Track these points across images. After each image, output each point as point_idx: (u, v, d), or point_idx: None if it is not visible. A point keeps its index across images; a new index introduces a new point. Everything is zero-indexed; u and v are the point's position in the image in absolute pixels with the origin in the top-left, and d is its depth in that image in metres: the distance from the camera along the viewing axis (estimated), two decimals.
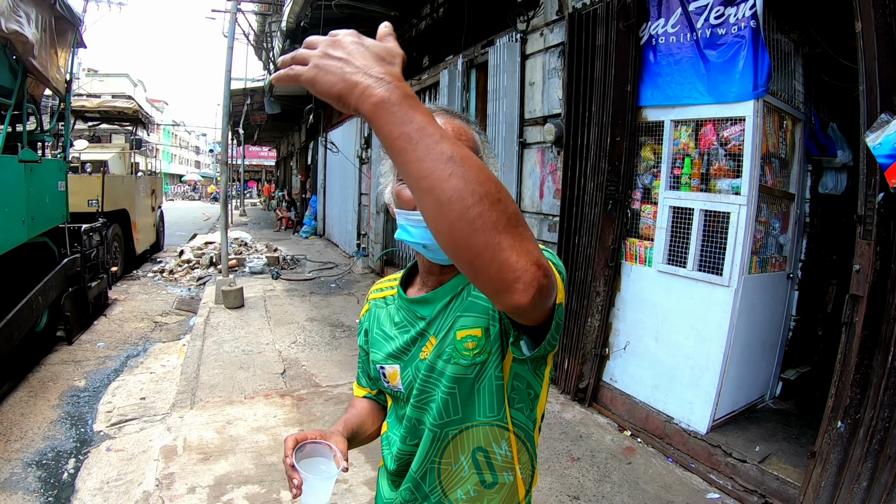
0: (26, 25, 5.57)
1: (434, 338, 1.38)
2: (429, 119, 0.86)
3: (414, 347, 1.41)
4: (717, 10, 4.18)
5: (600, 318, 5.12)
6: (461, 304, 1.36)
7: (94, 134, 14.10)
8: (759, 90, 3.99)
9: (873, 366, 3.12)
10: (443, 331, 1.36)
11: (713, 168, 4.36)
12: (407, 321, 1.45)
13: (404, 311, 1.47)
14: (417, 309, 1.43)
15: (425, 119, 0.85)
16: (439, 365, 1.34)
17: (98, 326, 8.09)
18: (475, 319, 1.32)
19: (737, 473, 4.02)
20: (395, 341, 1.46)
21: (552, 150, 5.82)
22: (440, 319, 1.38)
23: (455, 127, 1.31)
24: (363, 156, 12.98)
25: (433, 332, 1.38)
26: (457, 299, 1.38)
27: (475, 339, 1.32)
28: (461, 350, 1.32)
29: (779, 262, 4.80)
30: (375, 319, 1.57)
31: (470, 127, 1.36)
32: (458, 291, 1.38)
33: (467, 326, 1.33)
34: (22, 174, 5.74)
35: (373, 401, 1.70)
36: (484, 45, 7.20)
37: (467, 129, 1.34)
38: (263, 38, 15.43)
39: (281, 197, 28.88)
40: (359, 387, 1.73)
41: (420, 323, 1.41)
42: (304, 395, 5.50)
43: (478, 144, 1.34)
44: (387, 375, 1.47)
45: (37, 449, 4.59)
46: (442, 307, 1.39)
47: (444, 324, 1.37)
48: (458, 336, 1.33)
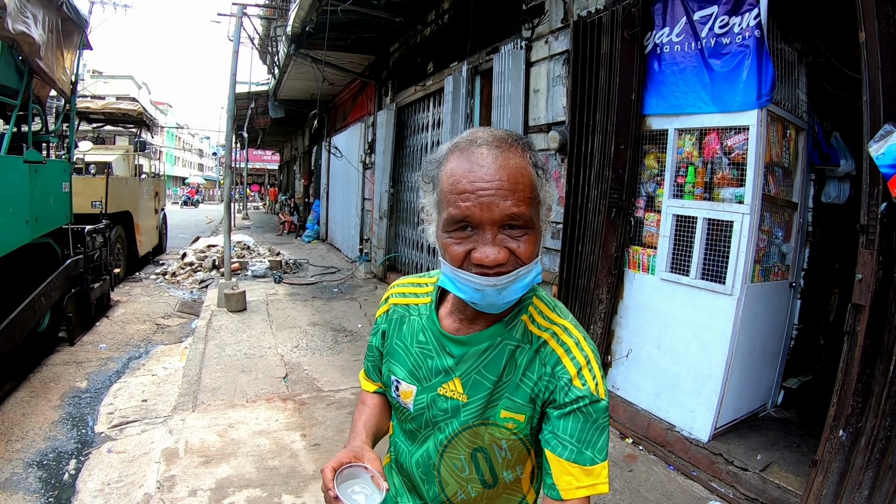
0: (33, 27, 5.59)
1: (460, 381, 1.35)
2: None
3: (435, 379, 1.38)
4: (722, 19, 4.19)
5: (603, 326, 5.12)
6: (502, 367, 1.33)
7: (99, 135, 14.17)
8: (763, 99, 4.00)
9: (875, 375, 3.12)
10: (474, 384, 1.34)
11: (717, 177, 4.37)
12: (434, 348, 1.40)
13: (433, 335, 1.41)
14: (448, 344, 1.37)
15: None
16: (476, 426, 1.34)
17: (100, 328, 8.10)
18: (521, 406, 1.31)
19: (738, 482, 4.02)
20: (416, 360, 1.42)
21: (556, 158, 5.83)
22: (471, 364, 1.35)
23: (513, 171, 1.15)
24: (367, 161, 12.99)
25: (459, 373, 1.35)
26: (493, 350, 1.34)
27: (517, 423, 1.32)
28: (500, 426, 1.32)
29: (781, 271, 4.80)
30: (397, 327, 1.50)
31: (527, 160, 1.20)
32: (497, 342, 1.34)
33: (512, 410, 1.32)
34: (27, 175, 5.76)
35: (383, 395, 1.66)
36: (489, 52, 7.22)
37: (525, 167, 1.18)
38: (268, 42, 15.47)
39: (284, 201, 28.92)
40: (369, 381, 1.68)
41: (448, 359, 1.37)
42: (306, 400, 5.50)
43: (535, 185, 1.19)
44: (399, 390, 1.44)
45: (38, 449, 4.59)
46: (476, 353, 1.34)
47: (474, 372, 1.34)
48: (501, 415, 1.32)
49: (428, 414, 1.39)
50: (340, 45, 10.96)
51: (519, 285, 1.19)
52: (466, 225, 1.16)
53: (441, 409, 1.36)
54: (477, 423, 1.33)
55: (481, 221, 1.14)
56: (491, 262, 1.13)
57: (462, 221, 1.15)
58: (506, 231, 1.15)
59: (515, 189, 1.13)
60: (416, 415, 1.41)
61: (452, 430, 1.36)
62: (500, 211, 1.12)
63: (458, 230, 1.17)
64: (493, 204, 1.12)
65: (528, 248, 1.17)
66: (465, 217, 1.14)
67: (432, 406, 1.38)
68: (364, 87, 13.56)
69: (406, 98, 10.73)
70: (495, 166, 1.14)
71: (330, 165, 17.91)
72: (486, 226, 1.14)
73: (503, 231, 1.15)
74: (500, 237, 1.15)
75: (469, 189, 1.14)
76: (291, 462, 4.31)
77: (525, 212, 1.14)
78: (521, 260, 1.17)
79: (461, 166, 1.17)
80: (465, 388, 1.34)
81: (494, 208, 1.12)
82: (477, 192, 1.13)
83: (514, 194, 1.13)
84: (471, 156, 1.17)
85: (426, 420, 1.39)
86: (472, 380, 1.34)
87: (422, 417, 1.40)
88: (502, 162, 1.15)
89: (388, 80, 11.75)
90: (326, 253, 16.65)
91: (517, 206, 1.13)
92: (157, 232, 14.94)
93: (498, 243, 1.14)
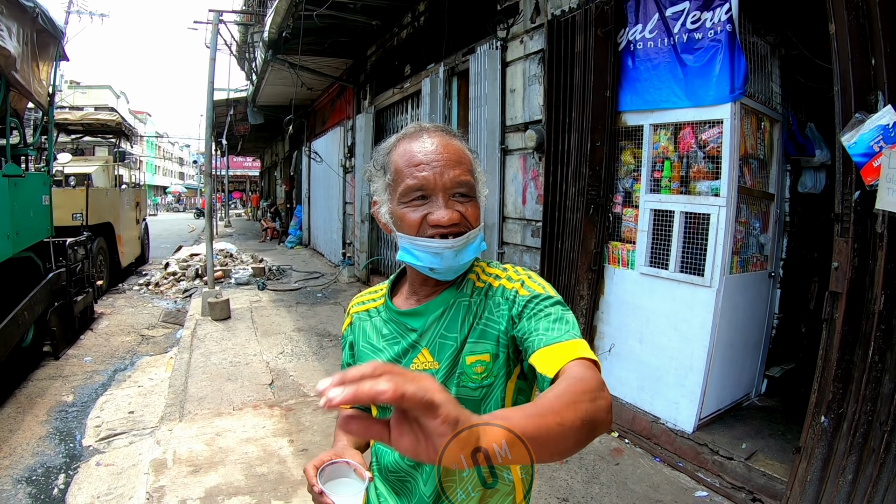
0: (8, 39, 5.56)
1: (427, 350, 1.39)
2: (530, 422, 0.85)
3: (405, 359, 1.41)
4: (694, 14, 4.24)
5: (585, 322, 5.15)
6: (460, 322, 1.38)
7: (78, 147, 14.09)
8: (736, 93, 4.05)
9: (854, 361, 3.17)
10: (440, 347, 1.38)
11: (692, 171, 4.42)
12: (396, 333, 1.45)
13: (393, 323, 1.47)
14: (407, 321, 1.44)
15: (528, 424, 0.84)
16: (449, 387, 1.35)
17: (85, 341, 8.04)
18: (485, 346, 1.36)
19: (724, 471, 4.06)
20: (383, 353, 1.46)
21: (534, 157, 5.86)
22: (432, 331, 1.40)
23: (456, 149, 1.35)
24: (347, 165, 12.99)
25: (425, 343, 1.40)
26: (449, 311, 1.40)
27: (484, 364, 1.36)
28: (470, 374, 1.35)
29: (760, 262, 4.86)
30: (361, 332, 1.55)
31: (465, 146, 1.39)
32: (451, 304, 1.40)
33: (476, 352, 1.36)
34: (6, 189, 5.72)
35: (360, 411, 1.66)
36: (465, 52, 7.25)
37: (464, 149, 1.38)
38: (246, 48, 15.42)
39: (266, 207, 28.81)
40: None
41: (411, 335, 1.42)
42: (293, 406, 5.51)
43: (473, 164, 1.38)
44: None
45: (26, 465, 4.56)
46: (434, 319, 1.40)
47: (437, 337, 1.39)
48: (467, 361, 1.35)
49: None
50: (318, 50, 10.95)
51: (471, 247, 1.35)
52: (421, 194, 1.30)
53: None
54: (446, 380, 1.36)
55: (435, 187, 1.29)
56: (447, 221, 1.28)
57: (419, 190, 1.30)
58: (455, 198, 1.31)
59: (460, 162, 1.33)
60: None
61: None
62: (450, 177, 1.30)
63: (415, 200, 1.31)
64: (445, 172, 1.30)
65: (474, 212, 1.33)
66: (421, 185, 1.29)
67: None
68: (342, 92, 13.54)
69: (384, 101, 10.73)
70: (442, 144, 1.33)
71: (311, 170, 17.87)
72: (439, 191, 1.30)
73: (453, 198, 1.31)
74: (450, 202, 1.30)
75: (424, 161, 1.30)
76: (279, 468, 4.32)
77: (470, 180, 1.33)
78: (469, 223, 1.32)
79: (413, 147, 1.34)
80: (433, 356, 1.39)
81: (446, 175, 1.30)
82: (430, 162, 1.30)
83: (459, 166, 1.32)
84: (420, 138, 1.35)
85: None
86: (437, 345, 1.39)
87: None
88: (447, 143, 1.34)
89: (367, 84, 11.74)
90: (309, 258, 16.61)
91: (464, 175, 1.32)
92: (139, 242, 14.83)
93: (450, 207, 1.30)
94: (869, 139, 2.99)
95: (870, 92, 3.07)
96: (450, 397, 0.76)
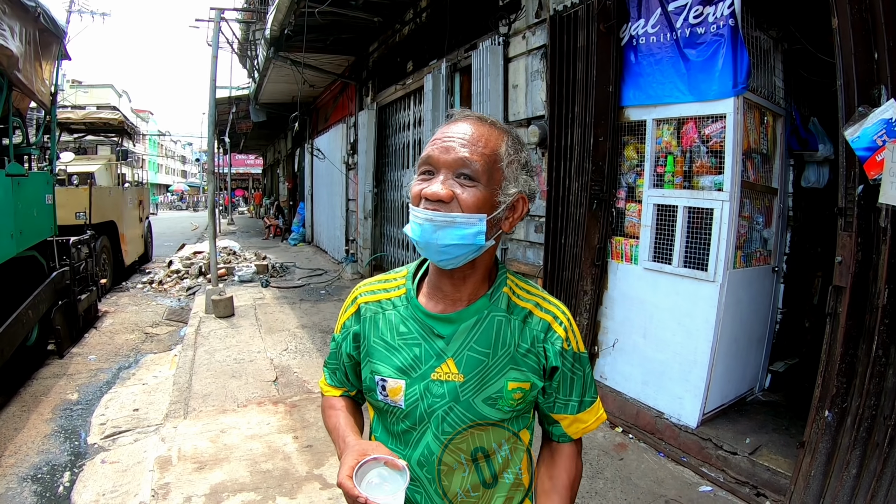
0: (10, 39, 5.56)
1: (453, 361, 1.35)
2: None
3: (425, 366, 1.37)
4: (696, 9, 4.22)
5: (588, 317, 5.15)
6: (493, 339, 1.36)
7: (80, 146, 14.10)
8: (739, 87, 4.04)
9: (858, 355, 3.16)
10: (468, 361, 1.35)
11: (696, 165, 4.41)
12: (419, 335, 1.39)
13: (416, 322, 1.40)
14: (435, 325, 1.38)
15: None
16: (476, 403, 1.35)
17: (89, 339, 8.07)
18: (527, 375, 1.37)
19: (728, 466, 4.06)
20: (400, 353, 1.40)
21: (537, 152, 5.85)
22: (461, 342, 1.36)
23: (480, 134, 1.29)
24: (350, 162, 12.99)
25: (451, 353, 1.36)
26: (482, 324, 1.37)
27: (523, 392, 1.37)
28: (508, 399, 1.35)
29: (763, 256, 4.85)
30: (372, 326, 1.46)
31: (501, 135, 1.33)
32: (484, 315, 1.37)
33: (519, 380, 1.36)
34: (9, 188, 5.73)
35: (350, 399, 1.62)
36: (467, 48, 7.24)
37: (494, 138, 1.30)
38: (248, 45, 15.40)
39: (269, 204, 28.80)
40: (332, 387, 1.62)
41: (437, 341, 1.37)
42: (297, 402, 5.52)
43: (499, 155, 1.29)
44: (387, 389, 1.39)
45: (31, 463, 4.58)
46: (465, 329, 1.36)
47: (466, 349, 1.35)
48: (508, 386, 1.35)
49: (423, 405, 1.35)
50: (320, 47, 10.94)
51: (455, 231, 1.25)
52: (427, 169, 1.30)
53: (437, 396, 1.34)
54: (476, 399, 1.34)
55: (438, 163, 1.27)
56: (432, 194, 1.25)
57: (425, 164, 1.30)
58: (458, 179, 1.26)
59: (476, 143, 1.27)
60: (408, 410, 1.37)
61: (453, 416, 1.34)
62: (454, 155, 1.26)
63: (424, 174, 1.31)
64: (451, 149, 1.26)
65: (470, 198, 1.25)
66: (428, 158, 1.29)
67: (426, 395, 1.35)
68: (345, 89, 13.53)
69: (387, 97, 10.73)
70: (466, 126, 1.30)
71: (313, 167, 17.88)
72: (442, 168, 1.27)
73: (456, 178, 1.26)
74: (450, 182, 1.26)
75: (439, 138, 1.30)
76: (284, 464, 4.33)
77: (477, 160, 1.25)
78: (461, 206, 1.25)
79: (443, 128, 1.33)
80: (459, 368, 1.35)
81: (451, 152, 1.26)
82: (444, 139, 1.29)
83: (472, 146, 1.26)
84: (453, 121, 1.35)
85: (421, 413, 1.36)
86: (465, 357, 1.35)
87: (416, 411, 1.36)
88: (474, 125, 1.31)
89: (369, 81, 11.73)
90: (313, 255, 16.63)
91: (471, 154, 1.25)
92: (142, 241, 14.85)
93: (446, 185, 1.26)
94: (872, 133, 2.98)
95: (873, 86, 3.06)
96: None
